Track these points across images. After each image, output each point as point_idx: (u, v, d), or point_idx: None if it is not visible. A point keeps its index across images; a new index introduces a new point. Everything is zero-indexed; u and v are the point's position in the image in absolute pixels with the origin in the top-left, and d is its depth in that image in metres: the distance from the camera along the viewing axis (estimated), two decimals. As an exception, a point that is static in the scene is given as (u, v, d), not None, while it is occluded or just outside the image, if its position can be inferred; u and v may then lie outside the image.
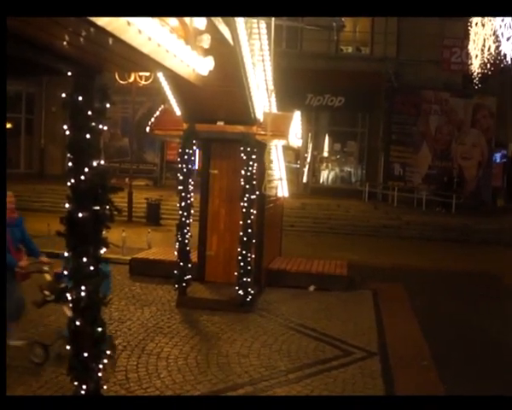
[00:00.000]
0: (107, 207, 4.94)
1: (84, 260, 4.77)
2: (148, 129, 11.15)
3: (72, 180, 4.84)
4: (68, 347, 4.89)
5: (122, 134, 29.45)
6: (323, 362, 8.00)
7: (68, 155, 4.90)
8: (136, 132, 25.22)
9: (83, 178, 4.79)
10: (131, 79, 21.16)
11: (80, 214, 4.77)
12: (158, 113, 11.26)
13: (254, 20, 9.42)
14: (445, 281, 13.89)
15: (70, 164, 4.88)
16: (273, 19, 9.56)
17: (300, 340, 8.88)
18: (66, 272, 5.81)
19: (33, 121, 30.42)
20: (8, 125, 28.18)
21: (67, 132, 4.89)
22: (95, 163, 4.85)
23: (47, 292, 7.23)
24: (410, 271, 14.72)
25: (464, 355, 8.79)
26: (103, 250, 4.97)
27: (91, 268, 4.79)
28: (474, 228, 22.88)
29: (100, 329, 4.88)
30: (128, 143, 28.04)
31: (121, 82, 20.64)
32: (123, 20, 3.59)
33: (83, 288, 4.78)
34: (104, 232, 4.98)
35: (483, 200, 28.29)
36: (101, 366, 4.90)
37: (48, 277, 7.44)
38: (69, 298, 4.90)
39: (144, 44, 4.05)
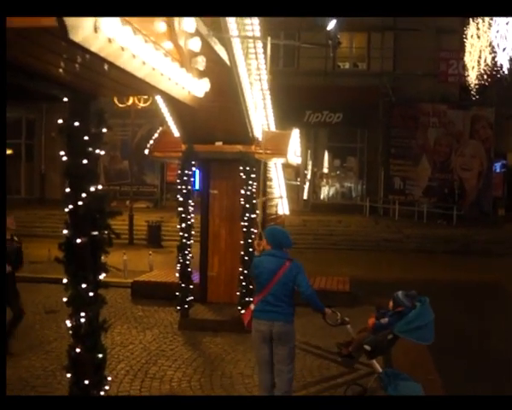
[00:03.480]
0: (106, 232, 4.92)
1: (84, 286, 4.74)
2: (147, 151, 11.17)
3: (70, 206, 4.83)
4: (68, 375, 4.84)
5: (122, 157, 29.48)
6: (328, 380, 7.94)
7: (66, 180, 4.89)
8: (135, 155, 25.24)
9: (81, 203, 4.77)
10: (130, 102, 21.26)
11: (78, 240, 4.75)
12: (156, 135, 11.28)
13: (250, 40, 9.46)
14: (448, 293, 13.80)
15: (67, 189, 4.87)
16: (269, 38, 9.59)
17: (304, 358, 8.81)
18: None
19: (33, 147, 30.54)
20: (9, 151, 28.24)
21: (64, 158, 4.88)
22: (92, 188, 4.83)
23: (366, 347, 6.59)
24: (413, 284, 14.55)
25: (470, 368, 8.72)
26: (103, 275, 4.94)
27: (91, 294, 4.75)
28: (476, 239, 22.82)
29: (101, 355, 4.83)
30: (128, 165, 28.09)
31: (120, 105, 20.75)
32: (116, 45, 3.59)
33: (82, 314, 4.74)
34: (103, 257, 4.95)
35: (484, 210, 28.25)
36: (102, 393, 4.85)
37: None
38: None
39: (139, 69, 4.05)
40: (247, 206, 10.17)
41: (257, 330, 6.22)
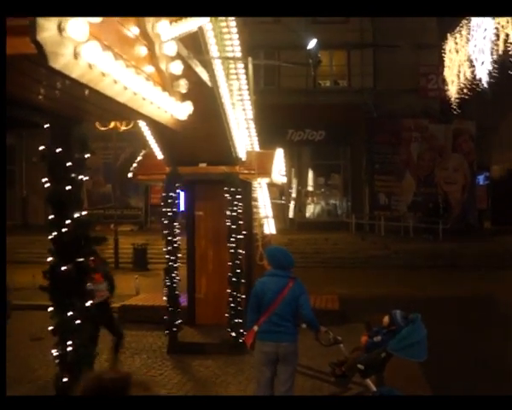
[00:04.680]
0: (91, 258, 4.86)
1: (69, 313, 4.67)
2: (130, 175, 11.11)
3: (55, 232, 4.77)
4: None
5: (105, 180, 29.35)
6: (320, 400, 7.86)
7: (49, 207, 4.83)
8: (118, 178, 25.15)
9: (65, 230, 4.71)
10: (112, 125, 21.16)
11: (63, 267, 4.69)
12: (140, 158, 11.23)
13: (231, 61, 9.47)
14: (437, 308, 13.80)
15: (51, 216, 4.81)
16: (250, 59, 9.62)
17: (296, 379, 8.66)
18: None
19: (14, 173, 30.30)
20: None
21: (47, 185, 4.83)
22: (77, 214, 4.78)
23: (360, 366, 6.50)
24: (402, 300, 14.59)
25: (463, 382, 8.68)
26: (89, 303, 4.87)
27: (77, 322, 4.68)
28: (463, 253, 22.87)
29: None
30: (111, 188, 27.96)
31: (101, 128, 20.63)
32: (97, 70, 3.56)
33: (69, 343, 4.66)
34: (89, 284, 4.89)
35: (469, 223, 28.42)
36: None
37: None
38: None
39: (120, 94, 4.03)
40: (234, 227, 10.11)
41: (262, 352, 6.17)
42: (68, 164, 4.78)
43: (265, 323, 6.16)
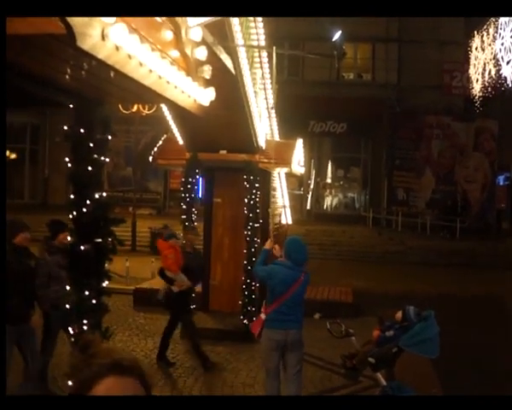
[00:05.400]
0: (110, 239, 4.91)
1: (87, 293, 4.73)
2: (151, 159, 11.18)
3: (74, 213, 4.82)
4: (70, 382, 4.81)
5: (125, 163, 29.51)
6: (331, 391, 7.90)
7: (70, 186, 4.88)
8: (139, 161, 25.26)
9: (85, 210, 4.76)
10: (134, 109, 21.28)
11: (82, 247, 4.74)
12: (161, 142, 11.29)
13: (256, 49, 9.47)
14: (452, 306, 13.76)
15: (72, 196, 4.86)
16: (274, 48, 9.61)
17: (306, 369, 8.72)
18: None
19: (38, 152, 30.56)
20: (13, 156, 28.33)
21: (69, 165, 4.88)
22: (97, 195, 4.83)
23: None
24: (416, 297, 14.55)
25: (473, 381, 8.65)
26: (106, 283, 4.93)
27: (94, 301, 4.74)
28: (480, 252, 22.73)
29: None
30: (131, 172, 28.12)
31: (124, 111, 20.77)
32: (124, 53, 3.59)
33: (85, 321, 4.72)
34: (107, 264, 4.94)
35: (488, 223, 28.17)
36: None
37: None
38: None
39: (145, 77, 4.05)
40: (251, 215, 10.14)
41: (270, 340, 6.27)
42: (91, 145, 4.82)
43: (274, 312, 6.28)
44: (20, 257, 6.42)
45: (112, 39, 3.38)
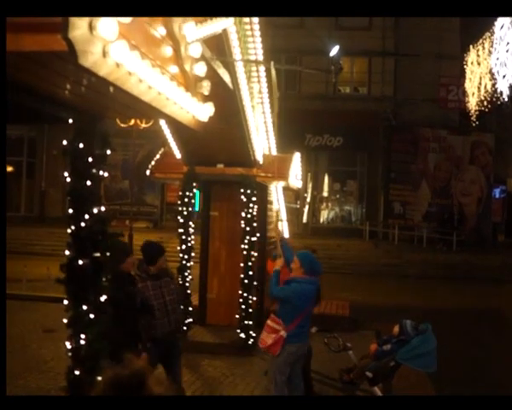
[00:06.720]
0: (107, 253, 4.91)
1: (84, 307, 4.73)
2: (148, 172, 11.20)
3: (73, 227, 4.83)
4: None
5: (122, 176, 29.51)
6: (328, 406, 7.88)
7: (69, 201, 4.90)
8: (136, 175, 25.30)
9: (83, 225, 4.77)
10: (132, 123, 21.29)
11: (80, 262, 4.74)
12: (158, 156, 11.31)
13: (253, 64, 9.52)
14: (448, 320, 13.76)
15: (70, 210, 4.87)
16: (272, 63, 9.66)
17: (304, 383, 8.74)
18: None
19: (35, 165, 30.57)
20: (10, 169, 28.31)
21: (68, 179, 4.89)
22: (95, 210, 4.84)
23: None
24: (413, 310, 14.55)
25: (470, 394, 8.63)
26: (103, 298, 4.92)
27: (91, 316, 4.74)
28: (476, 265, 22.76)
29: (100, 378, 4.79)
30: (128, 185, 28.13)
31: (122, 125, 20.75)
32: (124, 69, 3.61)
33: (82, 336, 4.72)
34: (104, 279, 4.94)
35: (484, 236, 28.25)
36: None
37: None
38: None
39: (145, 93, 4.08)
40: (248, 229, 10.16)
41: (292, 354, 6.38)
42: (89, 159, 4.83)
43: (298, 327, 6.39)
44: (127, 285, 5.78)
45: (113, 56, 3.41)
